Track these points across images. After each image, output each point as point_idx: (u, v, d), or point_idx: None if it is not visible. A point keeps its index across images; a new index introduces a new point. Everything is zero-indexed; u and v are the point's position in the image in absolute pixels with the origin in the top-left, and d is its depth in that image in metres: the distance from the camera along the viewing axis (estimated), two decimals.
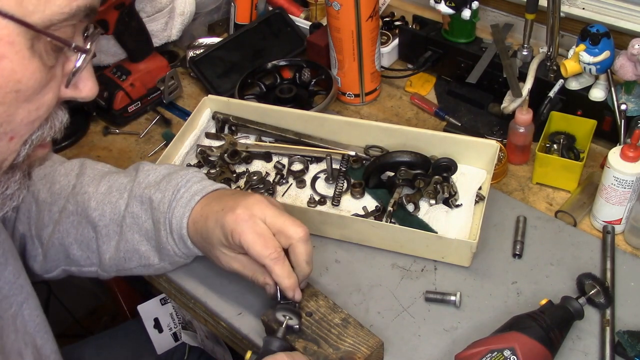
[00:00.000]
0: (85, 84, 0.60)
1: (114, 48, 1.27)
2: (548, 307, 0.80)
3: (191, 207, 0.83)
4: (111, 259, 0.89)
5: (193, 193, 0.84)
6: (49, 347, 0.81)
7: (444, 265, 0.92)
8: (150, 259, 0.88)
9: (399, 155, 0.99)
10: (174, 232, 0.84)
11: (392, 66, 1.33)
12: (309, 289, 0.84)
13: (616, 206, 0.91)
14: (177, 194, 0.85)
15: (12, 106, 0.53)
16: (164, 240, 0.85)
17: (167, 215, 0.84)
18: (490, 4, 1.31)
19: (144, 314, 1.16)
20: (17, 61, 0.51)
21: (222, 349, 1.14)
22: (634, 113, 1.00)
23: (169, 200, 0.84)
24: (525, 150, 1.06)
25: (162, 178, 0.88)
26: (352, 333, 0.79)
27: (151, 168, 0.91)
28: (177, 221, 0.83)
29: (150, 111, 1.28)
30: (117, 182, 0.90)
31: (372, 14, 1.14)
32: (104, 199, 0.89)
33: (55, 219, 0.89)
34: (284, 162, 1.09)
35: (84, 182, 0.91)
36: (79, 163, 0.95)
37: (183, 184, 0.86)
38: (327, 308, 0.82)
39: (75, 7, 0.53)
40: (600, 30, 0.96)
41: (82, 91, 0.60)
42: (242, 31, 1.34)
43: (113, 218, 0.88)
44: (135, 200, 0.87)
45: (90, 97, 0.61)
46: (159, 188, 0.86)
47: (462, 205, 0.97)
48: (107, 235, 0.88)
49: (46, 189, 0.91)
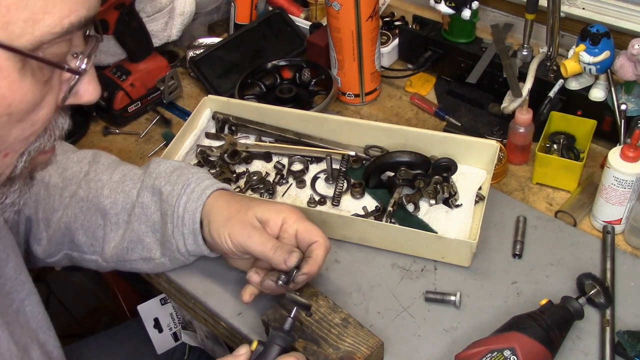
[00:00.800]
0: (86, 89, 0.58)
1: (114, 48, 1.27)
2: (548, 307, 0.80)
3: (203, 200, 0.84)
4: (115, 248, 0.89)
5: (204, 187, 0.86)
6: (52, 344, 0.81)
7: (444, 265, 0.92)
8: (152, 251, 0.89)
9: (399, 155, 0.99)
10: (186, 227, 0.84)
11: (392, 66, 1.33)
12: (309, 289, 0.84)
13: (616, 206, 0.91)
14: (186, 188, 0.85)
15: (4, 128, 0.52)
16: (169, 234, 0.85)
17: (176, 210, 0.84)
18: (490, 4, 1.31)
19: (143, 314, 1.16)
20: (6, 86, 0.49)
21: (222, 349, 1.14)
22: (634, 113, 1.00)
23: (178, 194, 0.85)
24: (525, 150, 1.06)
25: (172, 170, 0.89)
26: (352, 333, 0.79)
27: (162, 160, 0.92)
28: (189, 215, 0.84)
29: (150, 111, 1.28)
30: (131, 171, 0.92)
31: (372, 14, 1.14)
32: (118, 187, 0.90)
33: (65, 204, 0.91)
34: (284, 162, 1.09)
35: (98, 169, 0.92)
36: (92, 152, 0.96)
37: (193, 180, 0.86)
38: (327, 308, 0.82)
39: (67, 25, 0.50)
40: (600, 30, 0.96)
41: (83, 97, 0.58)
42: (242, 31, 1.34)
43: (125, 207, 0.89)
44: (147, 191, 0.88)
45: (92, 101, 0.59)
46: (169, 180, 0.87)
47: (462, 205, 0.97)
48: (116, 223, 0.89)
49: (57, 174, 0.92)
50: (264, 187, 1.04)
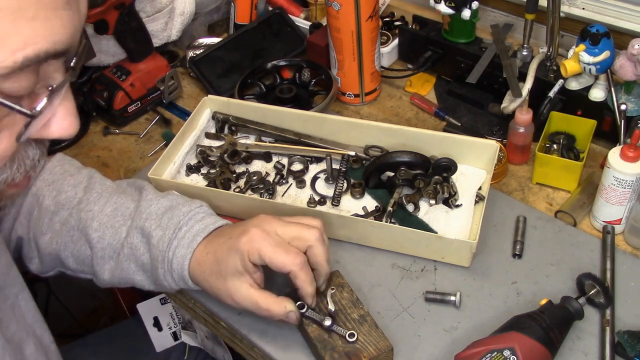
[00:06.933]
0: (59, 125, 0.51)
1: (114, 48, 1.27)
2: (548, 307, 0.80)
3: (193, 248, 0.81)
4: (105, 281, 0.88)
5: (195, 233, 0.82)
6: (47, 338, 0.81)
7: (444, 265, 0.92)
8: (145, 286, 0.87)
9: (398, 155, 0.99)
10: (175, 272, 0.82)
11: (392, 66, 1.33)
12: (337, 279, 0.85)
13: (616, 206, 0.91)
14: (178, 232, 0.82)
15: None
16: (161, 278, 0.84)
17: (166, 254, 0.82)
18: (490, 4, 1.32)
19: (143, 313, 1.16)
20: None
21: (222, 349, 1.14)
22: (634, 113, 1.00)
23: (169, 239, 0.82)
24: (525, 150, 1.06)
25: (164, 212, 0.85)
26: (366, 332, 0.79)
27: (154, 197, 0.88)
28: (178, 262, 0.81)
29: (150, 111, 1.28)
30: (123, 205, 0.88)
31: (372, 14, 1.14)
32: (108, 221, 0.87)
33: (55, 229, 0.89)
34: (284, 162, 1.09)
35: (90, 198, 0.89)
36: (88, 176, 0.93)
37: (185, 222, 0.83)
38: (348, 301, 0.83)
39: (21, 59, 0.44)
40: (600, 30, 0.96)
41: (54, 133, 0.51)
42: (242, 31, 1.34)
43: (112, 243, 0.86)
44: (136, 231, 0.85)
45: (65, 137, 0.52)
46: (160, 224, 0.84)
47: (462, 205, 0.97)
48: (102, 257, 0.87)
49: (52, 197, 0.90)
50: (264, 187, 1.04)
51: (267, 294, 0.77)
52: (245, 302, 0.77)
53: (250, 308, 0.78)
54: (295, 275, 0.76)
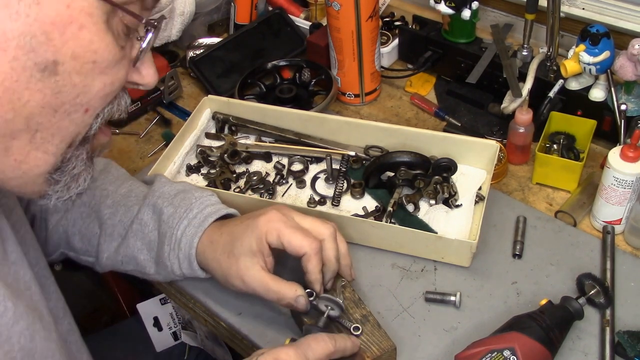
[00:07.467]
0: (147, 71, 0.61)
1: None
2: (548, 307, 0.80)
3: (204, 228, 0.83)
4: (108, 259, 0.89)
5: (207, 214, 0.84)
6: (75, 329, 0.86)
7: (444, 265, 0.92)
8: (146, 268, 0.88)
9: (398, 156, 0.99)
10: (182, 250, 0.83)
11: (392, 66, 1.33)
12: (339, 280, 0.85)
13: (616, 206, 0.91)
14: (189, 212, 0.84)
15: (89, 77, 0.54)
16: (165, 256, 0.84)
17: (175, 232, 0.83)
18: (490, 4, 1.32)
19: (143, 313, 1.16)
20: (94, 32, 0.52)
21: (222, 350, 1.14)
22: (634, 113, 1.00)
23: (179, 217, 0.84)
24: (525, 150, 1.06)
25: (176, 193, 0.88)
26: (368, 331, 0.79)
27: (167, 181, 0.92)
28: (187, 240, 0.83)
29: (150, 111, 1.28)
30: (137, 188, 0.92)
31: (372, 14, 1.14)
32: (121, 200, 0.90)
33: (66, 206, 0.91)
34: (284, 162, 1.09)
35: (106, 179, 0.93)
36: (104, 161, 0.97)
37: (197, 204, 0.85)
38: (351, 301, 0.82)
39: None
40: (600, 30, 0.96)
41: (145, 77, 0.61)
42: (242, 31, 1.34)
43: (123, 220, 0.88)
44: (148, 208, 0.87)
45: (152, 83, 0.62)
46: (172, 202, 0.86)
47: (462, 205, 0.97)
48: (110, 235, 0.89)
49: None
50: (264, 187, 1.04)
51: (278, 278, 0.78)
52: (255, 283, 0.78)
53: (258, 290, 0.78)
54: (309, 259, 0.77)
